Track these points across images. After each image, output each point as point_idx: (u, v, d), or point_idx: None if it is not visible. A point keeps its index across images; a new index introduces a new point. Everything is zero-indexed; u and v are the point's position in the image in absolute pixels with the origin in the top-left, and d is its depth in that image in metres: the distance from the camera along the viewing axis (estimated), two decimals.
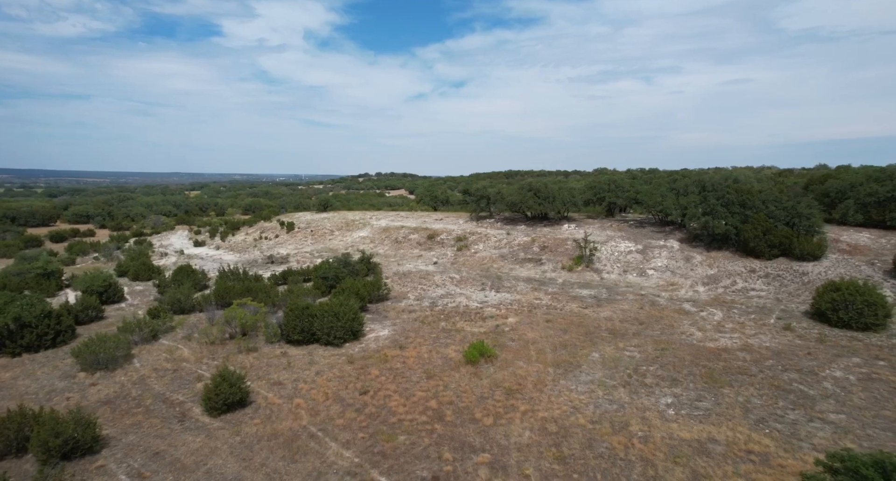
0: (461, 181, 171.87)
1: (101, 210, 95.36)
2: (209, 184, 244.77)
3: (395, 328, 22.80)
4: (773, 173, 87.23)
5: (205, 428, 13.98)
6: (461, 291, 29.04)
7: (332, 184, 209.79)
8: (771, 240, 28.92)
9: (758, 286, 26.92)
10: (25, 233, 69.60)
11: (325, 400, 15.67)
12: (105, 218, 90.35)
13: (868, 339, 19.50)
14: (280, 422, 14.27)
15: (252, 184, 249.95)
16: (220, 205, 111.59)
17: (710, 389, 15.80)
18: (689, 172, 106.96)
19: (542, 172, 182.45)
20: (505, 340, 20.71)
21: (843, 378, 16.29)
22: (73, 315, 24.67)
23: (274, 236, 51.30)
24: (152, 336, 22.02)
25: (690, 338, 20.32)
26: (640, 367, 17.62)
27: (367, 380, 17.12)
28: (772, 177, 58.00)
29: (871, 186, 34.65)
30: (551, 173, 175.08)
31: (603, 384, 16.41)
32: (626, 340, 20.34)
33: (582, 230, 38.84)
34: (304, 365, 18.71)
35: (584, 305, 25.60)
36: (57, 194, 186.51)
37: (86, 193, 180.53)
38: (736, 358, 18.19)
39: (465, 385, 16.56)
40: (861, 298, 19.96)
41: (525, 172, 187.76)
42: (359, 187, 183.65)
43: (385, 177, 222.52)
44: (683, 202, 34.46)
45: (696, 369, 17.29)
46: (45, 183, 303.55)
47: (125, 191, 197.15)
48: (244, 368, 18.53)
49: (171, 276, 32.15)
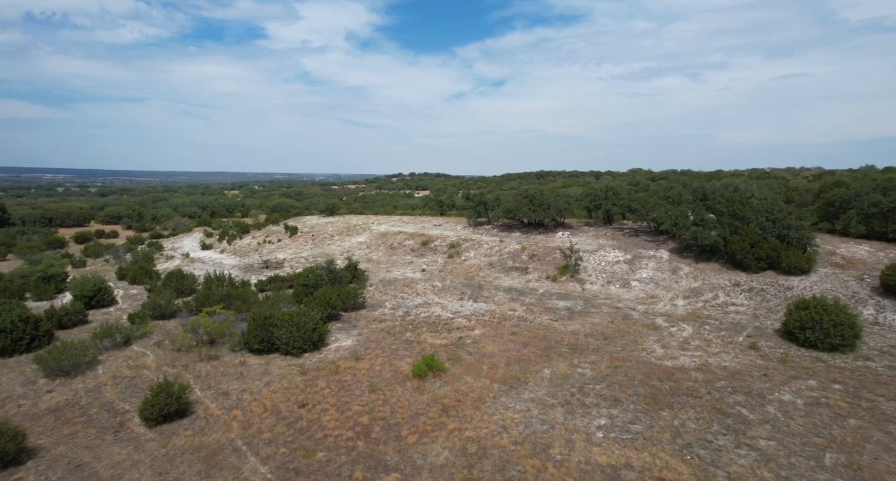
0: (491, 181, 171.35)
1: (132, 211, 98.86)
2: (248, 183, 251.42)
3: (360, 338, 23.06)
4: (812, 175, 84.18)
5: (136, 439, 14.48)
6: (439, 300, 29.11)
7: (365, 183, 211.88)
8: (758, 252, 28.04)
9: (739, 301, 26.15)
10: (55, 233, 72.70)
11: (262, 412, 16.01)
12: (133, 219, 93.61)
13: (832, 360, 18.76)
14: (210, 435, 14.66)
15: (289, 183, 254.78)
16: (246, 206, 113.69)
17: (649, 411, 15.49)
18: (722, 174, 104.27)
19: (575, 173, 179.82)
20: (462, 353, 20.71)
21: (790, 402, 15.74)
22: (56, 319, 25.83)
23: (277, 240, 52.34)
24: (124, 342, 22.83)
25: (649, 356, 19.92)
26: (586, 386, 17.40)
27: (311, 393, 17.40)
28: (780, 184, 56.02)
29: (875, 196, 33.21)
30: (584, 174, 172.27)
31: (542, 403, 16.27)
32: (583, 356, 20.08)
33: (575, 238, 38.40)
34: (258, 375, 19.12)
35: (556, 317, 25.34)
36: (107, 194, 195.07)
37: (132, 193, 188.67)
38: (689, 378, 17.77)
39: (405, 400, 16.66)
40: (828, 318, 19.21)
41: (557, 173, 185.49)
42: (391, 187, 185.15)
43: (417, 178, 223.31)
44: (675, 211, 33.71)
45: (642, 389, 16.96)
46: (102, 183, 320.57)
47: (169, 190, 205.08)
48: (199, 377, 19.09)
49: (163, 281, 33.21)
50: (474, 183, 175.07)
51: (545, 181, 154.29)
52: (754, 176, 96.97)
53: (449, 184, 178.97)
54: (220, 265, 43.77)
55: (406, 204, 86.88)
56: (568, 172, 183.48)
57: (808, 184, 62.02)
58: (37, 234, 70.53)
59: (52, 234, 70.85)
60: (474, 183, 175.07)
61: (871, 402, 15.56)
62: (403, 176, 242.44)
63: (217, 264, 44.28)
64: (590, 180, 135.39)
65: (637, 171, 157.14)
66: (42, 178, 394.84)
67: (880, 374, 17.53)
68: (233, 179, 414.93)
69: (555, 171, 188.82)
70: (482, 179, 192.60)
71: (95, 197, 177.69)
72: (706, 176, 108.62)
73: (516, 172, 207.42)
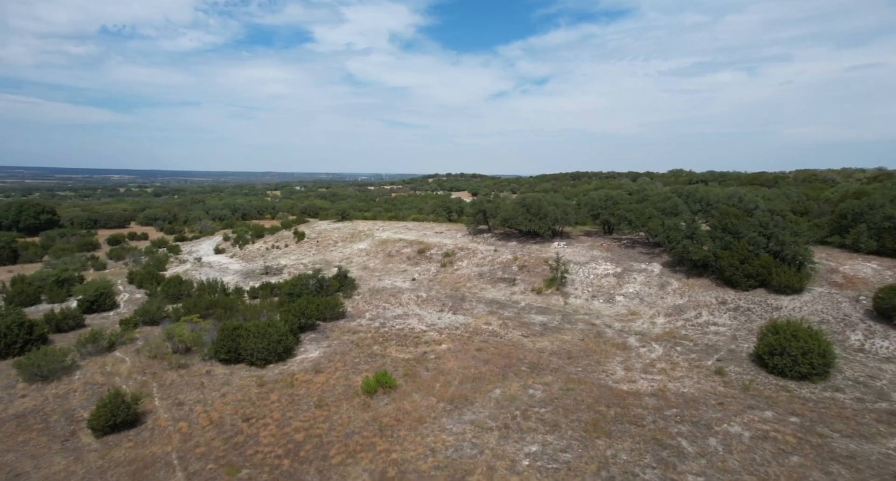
0: (524, 182, 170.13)
1: (168, 213, 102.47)
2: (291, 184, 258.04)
3: (329, 350, 23.39)
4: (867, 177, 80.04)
5: (81, 449, 15.15)
6: (419, 312, 29.20)
7: (402, 184, 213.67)
8: (747, 269, 26.97)
9: (721, 320, 25.22)
10: (94, 235, 76.04)
11: (207, 424, 16.48)
12: (167, 221, 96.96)
13: (799, 390, 17.89)
14: (149, 447, 15.20)
15: (329, 184, 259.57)
16: (277, 207, 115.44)
17: (585, 439, 15.17)
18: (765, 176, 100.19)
19: (612, 174, 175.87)
20: (421, 369, 20.75)
21: (736, 434, 15.12)
22: (54, 323, 27.18)
23: (284, 245, 53.50)
24: (108, 347, 23.85)
25: (608, 378, 19.48)
26: (531, 408, 17.17)
27: (261, 406, 17.80)
28: (801, 192, 53.47)
29: (888, 210, 31.43)
30: (621, 175, 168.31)
31: (480, 425, 16.16)
32: (540, 376, 19.81)
33: (569, 248, 37.82)
34: (218, 385, 19.67)
35: (529, 333, 25.05)
36: (160, 194, 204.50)
37: (182, 193, 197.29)
38: (640, 404, 17.30)
39: (346, 417, 16.84)
40: (797, 344, 18.33)
41: (592, 174, 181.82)
42: (427, 187, 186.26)
43: (454, 178, 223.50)
44: (669, 223, 32.77)
45: (587, 414, 16.62)
46: (160, 183, 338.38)
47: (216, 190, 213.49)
48: (164, 385, 19.78)
49: (162, 286, 34.47)
50: (507, 184, 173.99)
51: (578, 183, 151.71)
52: (800, 178, 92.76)
53: (483, 184, 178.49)
54: (225, 270, 45.10)
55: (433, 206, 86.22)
56: (604, 173, 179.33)
57: (829, 192, 58.82)
58: (75, 236, 73.77)
59: (89, 236, 73.96)
60: (507, 184, 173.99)
61: (823, 438, 14.79)
62: (440, 176, 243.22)
63: (222, 269, 45.63)
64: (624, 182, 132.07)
65: (678, 173, 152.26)
66: (110, 179, 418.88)
67: (845, 408, 16.63)
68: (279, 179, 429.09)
69: (590, 173, 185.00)
70: (516, 180, 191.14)
71: (150, 197, 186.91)
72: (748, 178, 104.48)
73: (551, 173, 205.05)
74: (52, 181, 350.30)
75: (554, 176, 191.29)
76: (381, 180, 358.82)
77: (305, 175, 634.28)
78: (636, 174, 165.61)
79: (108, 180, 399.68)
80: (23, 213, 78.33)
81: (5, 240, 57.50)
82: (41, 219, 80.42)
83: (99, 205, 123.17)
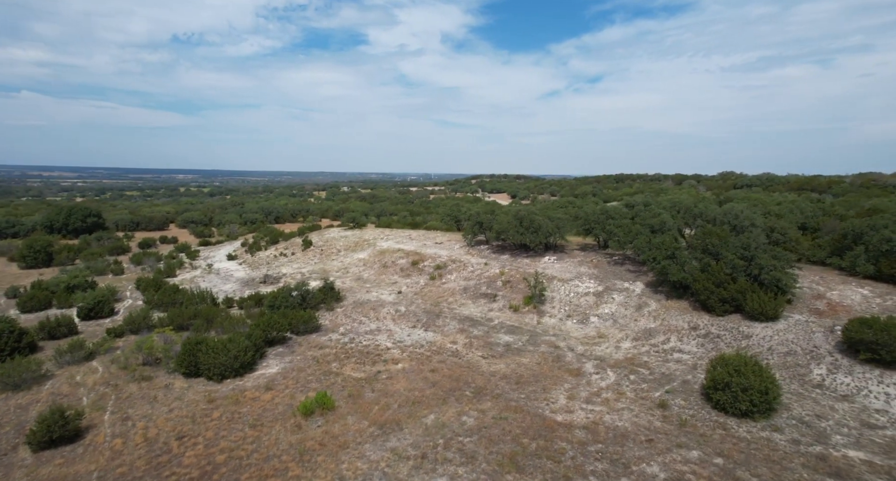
0: (565, 185, 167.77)
1: (204, 216, 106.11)
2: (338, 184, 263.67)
3: (289, 366, 24.02)
4: None
5: (13, 465, 16.19)
6: (392, 328, 29.55)
7: (444, 185, 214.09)
8: (722, 294, 26.06)
9: (688, 347, 24.47)
10: (132, 238, 79.75)
11: (141, 442, 17.31)
12: (202, 224, 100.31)
13: (737, 428, 17.25)
14: (77, 465, 16.10)
15: (374, 185, 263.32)
16: (310, 210, 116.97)
17: (496, 474, 15.14)
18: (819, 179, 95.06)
19: (657, 176, 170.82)
20: (367, 390, 21.08)
21: (651, 476, 14.77)
22: (47, 330, 28.89)
23: (291, 253, 54.89)
24: (87, 357, 25.21)
25: (547, 407, 19.28)
26: (456, 437, 17.23)
27: (200, 423, 18.53)
28: (816, 207, 50.74)
29: (886, 232, 29.72)
30: (668, 177, 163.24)
31: (399, 454, 16.34)
32: (480, 402, 19.80)
33: (559, 264, 37.39)
34: (170, 400, 20.57)
35: (489, 354, 25.01)
36: (215, 194, 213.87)
37: (235, 193, 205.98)
38: (567, 437, 17.09)
39: (274, 439, 17.35)
40: (738, 380, 17.68)
41: (636, 176, 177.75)
42: (469, 189, 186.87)
43: (496, 180, 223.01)
44: (655, 241, 31.97)
45: (509, 447, 16.56)
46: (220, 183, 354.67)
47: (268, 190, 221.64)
48: (122, 398, 20.82)
49: (157, 295, 36.05)
50: (549, 186, 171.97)
51: (621, 186, 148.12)
52: (857, 183, 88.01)
53: (523, 187, 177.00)
54: (228, 278, 46.71)
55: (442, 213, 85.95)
56: (650, 176, 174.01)
57: (853, 200, 55.20)
58: (110, 240, 77.12)
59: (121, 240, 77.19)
60: (549, 186, 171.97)
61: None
62: (483, 178, 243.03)
63: (227, 277, 47.26)
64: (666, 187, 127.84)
65: (727, 176, 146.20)
66: (175, 179, 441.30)
67: (778, 450, 15.96)
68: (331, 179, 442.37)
69: (634, 175, 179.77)
70: (558, 182, 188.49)
71: (205, 197, 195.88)
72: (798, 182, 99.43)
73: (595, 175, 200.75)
74: (124, 181, 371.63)
75: (596, 178, 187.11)
76: (428, 180, 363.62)
77: (356, 175, 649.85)
78: (682, 177, 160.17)
79: (173, 180, 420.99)
80: (71, 217, 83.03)
81: (41, 243, 60.93)
82: (88, 222, 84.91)
83: (145, 206, 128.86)
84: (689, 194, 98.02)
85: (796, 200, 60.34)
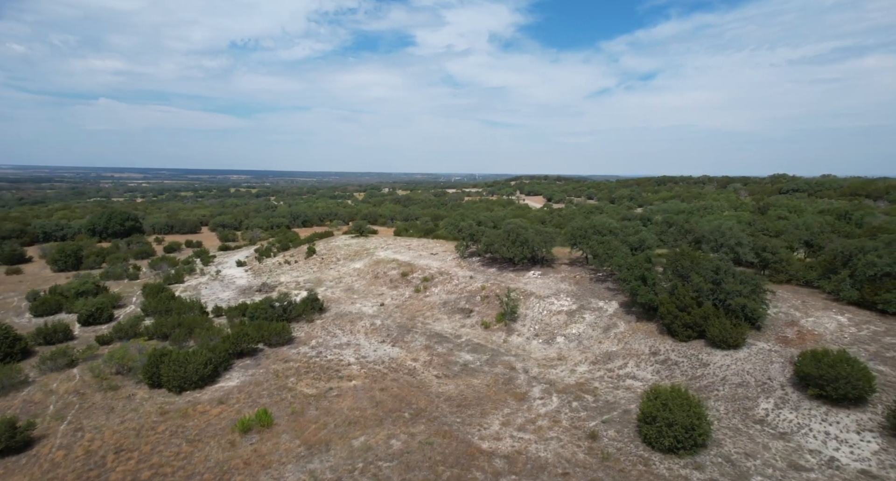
0: (604, 188, 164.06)
1: (234, 220, 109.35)
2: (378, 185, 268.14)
3: (249, 379, 24.94)
4: None
5: None
6: (361, 342, 30.16)
7: (483, 187, 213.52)
8: (686, 319, 25.50)
9: (643, 374, 24.07)
10: (162, 241, 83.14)
11: (82, 454, 18.43)
12: (232, 228, 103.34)
13: (658, 465, 16.99)
14: (13, 476, 17.31)
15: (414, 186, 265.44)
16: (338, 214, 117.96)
17: None
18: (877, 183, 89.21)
19: (702, 178, 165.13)
20: (311, 408, 21.72)
21: None
22: (43, 336, 30.79)
23: (294, 261, 56.39)
24: (69, 364, 26.80)
25: (477, 433, 19.42)
26: (376, 462, 17.63)
27: (143, 436, 19.56)
28: (826, 222, 48.36)
29: (871, 257, 28.41)
30: (713, 180, 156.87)
31: (315, 477, 16.87)
32: (415, 425, 20.13)
33: (542, 279, 37.24)
34: (126, 411, 21.74)
35: (444, 374, 25.28)
36: (262, 194, 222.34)
37: (280, 194, 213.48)
38: (484, 467, 17.23)
39: (204, 456, 18.17)
40: (664, 415, 17.42)
41: (679, 179, 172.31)
42: (508, 190, 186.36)
43: (535, 181, 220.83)
44: (632, 260, 31.48)
45: (422, 474, 16.84)
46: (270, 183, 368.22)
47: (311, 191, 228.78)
48: (84, 407, 22.13)
49: (154, 302, 37.80)
50: (586, 188, 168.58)
51: (661, 188, 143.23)
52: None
53: (560, 189, 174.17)
54: (229, 285, 48.42)
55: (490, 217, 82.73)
56: (695, 178, 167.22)
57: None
58: (138, 244, 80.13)
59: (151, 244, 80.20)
60: (586, 188, 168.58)
61: None
62: (522, 179, 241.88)
63: (229, 284, 49.01)
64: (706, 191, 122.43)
65: (778, 178, 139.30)
66: (229, 180, 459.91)
67: None
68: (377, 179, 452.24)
69: (677, 177, 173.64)
70: (596, 185, 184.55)
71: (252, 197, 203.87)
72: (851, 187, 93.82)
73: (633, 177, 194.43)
74: (183, 182, 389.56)
75: (636, 180, 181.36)
76: (473, 181, 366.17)
77: (402, 175, 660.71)
78: (728, 180, 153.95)
79: (227, 180, 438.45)
80: (111, 221, 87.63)
81: (72, 248, 64.48)
82: (126, 225, 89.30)
83: (184, 209, 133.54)
84: (728, 200, 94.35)
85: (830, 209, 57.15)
